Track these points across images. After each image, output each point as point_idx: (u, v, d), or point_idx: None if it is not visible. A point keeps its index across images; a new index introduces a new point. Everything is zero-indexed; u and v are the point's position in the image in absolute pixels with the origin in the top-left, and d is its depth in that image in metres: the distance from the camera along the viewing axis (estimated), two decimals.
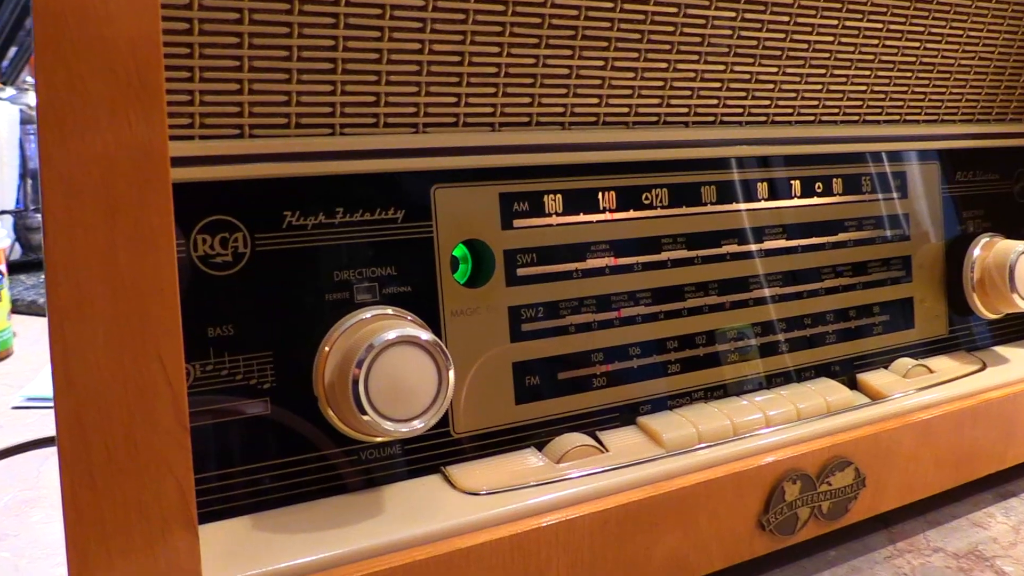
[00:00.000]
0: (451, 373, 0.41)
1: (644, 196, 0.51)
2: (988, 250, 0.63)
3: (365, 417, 0.39)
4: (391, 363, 0.40)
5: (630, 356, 0.50)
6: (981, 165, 0.66)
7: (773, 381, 0.55)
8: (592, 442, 0.48)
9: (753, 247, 0.54)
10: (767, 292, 0.55)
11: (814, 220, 0.57)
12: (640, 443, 0.49)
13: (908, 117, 0.61)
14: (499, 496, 0.43)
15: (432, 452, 0.45)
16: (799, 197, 0.56)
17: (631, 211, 0.50)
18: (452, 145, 0.45)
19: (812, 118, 0.56)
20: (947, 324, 0.64)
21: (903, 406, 0.56)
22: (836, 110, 0.57)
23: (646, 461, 0.47)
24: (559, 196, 0.48)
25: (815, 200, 0.57)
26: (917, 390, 0.58)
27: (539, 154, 0.47)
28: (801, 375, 0.56)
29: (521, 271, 0.47)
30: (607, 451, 0.48)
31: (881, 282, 0.60)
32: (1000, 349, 0.66)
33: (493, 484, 0.44)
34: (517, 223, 0.47)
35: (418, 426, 0.39)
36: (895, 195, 0.61)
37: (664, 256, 0.51)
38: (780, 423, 0.52)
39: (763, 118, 0.54)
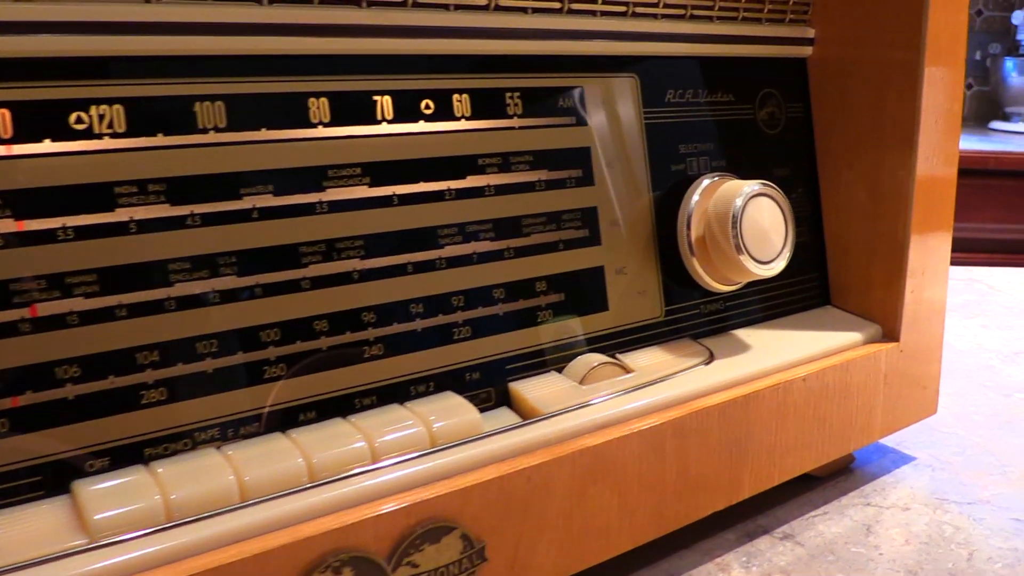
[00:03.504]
0: None
1: (75, 118, 0.31)
2: (710, 196, 0.45)
3: None
4: None
5: (59, 380, 0.30)
6: (705, 82, 0.48)
7: (354, 404, 0.36)
8: None
9: (304, 198, 0.35)
10: (334, 267, 0.36)
11: (420, 156, 0.38)
12: (55, 528, 0.29)
13: (576, 6, 0.42)
14: None
15: None
16: (390, 122, 0.37)
17: (48, 143, 0.30)
18: None
19: None
20: (661, 302, 0.46)
21: (561, 428, 0.38)
22: None
23: (42, 561, 0.27)
24: None
25: (421, 126, 0.38)
26: (596, 401, 0.39)
27: None
28: (408, 391, 0.37)
29: None
30: None
31: (547, 246, 0.41)
32: (743, 333, 0.49)
33: None
34: None
35: None
36: (566, 121, 0.42)
37: (124, 215, 0.31)
38: (334, 473, 0.33)
39: None
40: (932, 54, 0.46)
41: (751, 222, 0.43)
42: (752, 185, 0.44)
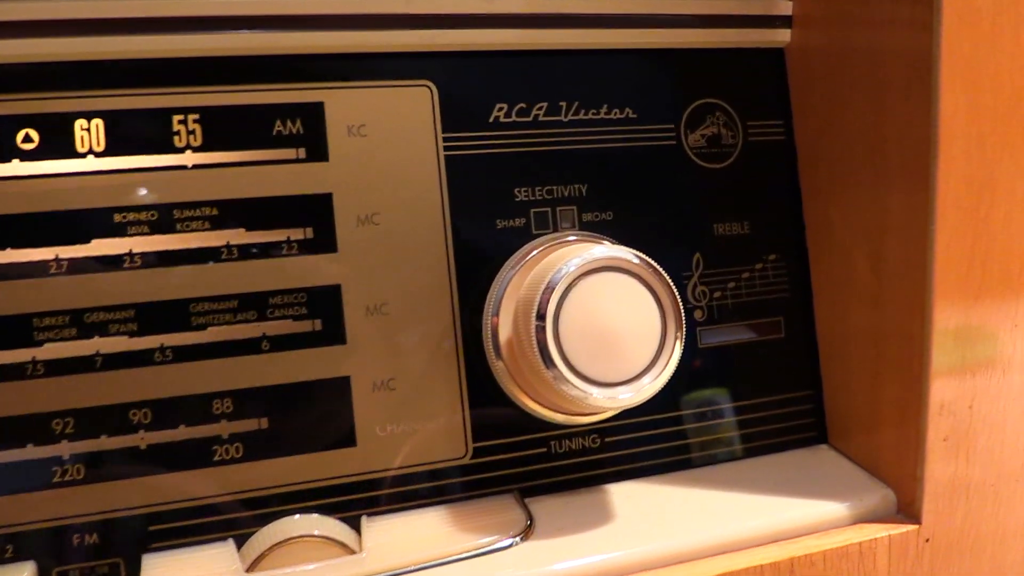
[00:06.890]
0: None
1: None
2: (529, 273, 0.28)
3: None
4: None
5: None
6: (573, 89, 0.31)
7: None
8: None
9: None
10: None
11: (7, 212, 0.26)
12: None
13: None
14: None
15: None
16: None
17: None
18: None
19: None
20: (467, 435, 0.29)
21: None
22: None
23: None
24: None
25: (15, 167, 0.26)
26: None
27: None
28: None
29: None
30: None
31: (238, 345, 0.27)
32: (626, 489, 0.30)
33: None
34: None
35: None
36: (285, 156, 0.28)
37: None
38: None
39: None
40: (956, 31, 0.26)
41: (580, 317, 0.26)
42: (594, 251, 0.26)
